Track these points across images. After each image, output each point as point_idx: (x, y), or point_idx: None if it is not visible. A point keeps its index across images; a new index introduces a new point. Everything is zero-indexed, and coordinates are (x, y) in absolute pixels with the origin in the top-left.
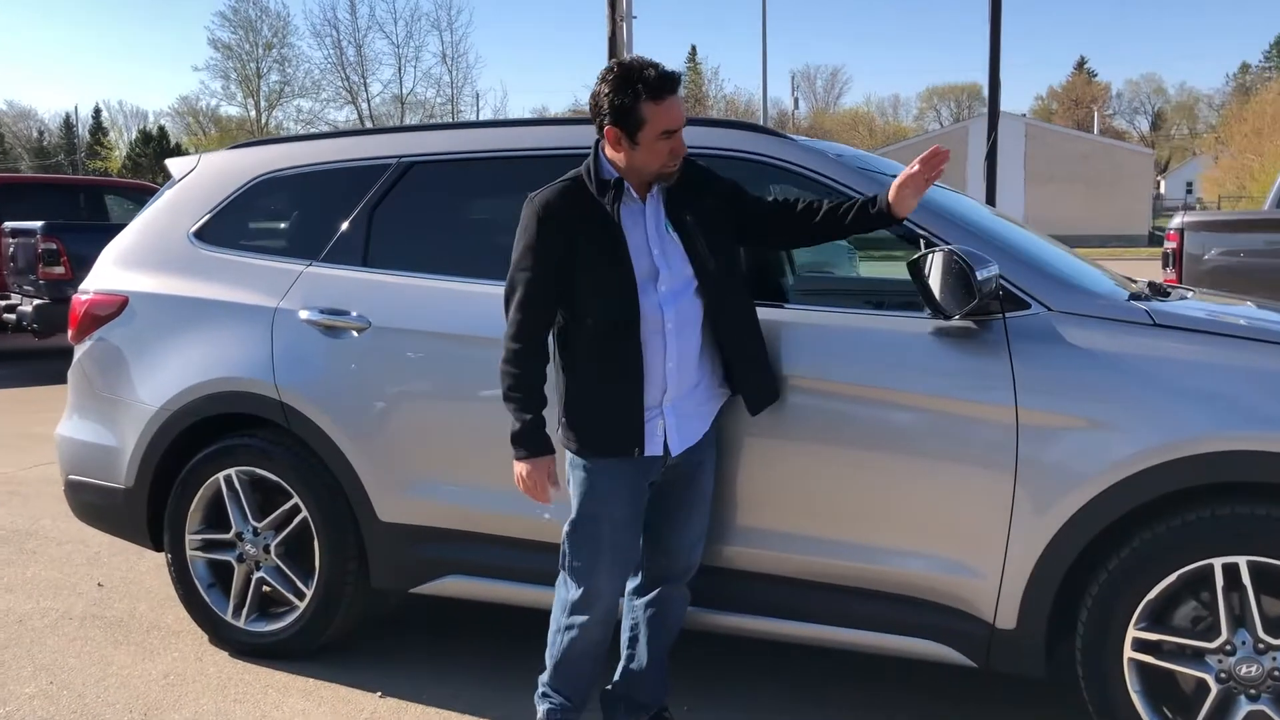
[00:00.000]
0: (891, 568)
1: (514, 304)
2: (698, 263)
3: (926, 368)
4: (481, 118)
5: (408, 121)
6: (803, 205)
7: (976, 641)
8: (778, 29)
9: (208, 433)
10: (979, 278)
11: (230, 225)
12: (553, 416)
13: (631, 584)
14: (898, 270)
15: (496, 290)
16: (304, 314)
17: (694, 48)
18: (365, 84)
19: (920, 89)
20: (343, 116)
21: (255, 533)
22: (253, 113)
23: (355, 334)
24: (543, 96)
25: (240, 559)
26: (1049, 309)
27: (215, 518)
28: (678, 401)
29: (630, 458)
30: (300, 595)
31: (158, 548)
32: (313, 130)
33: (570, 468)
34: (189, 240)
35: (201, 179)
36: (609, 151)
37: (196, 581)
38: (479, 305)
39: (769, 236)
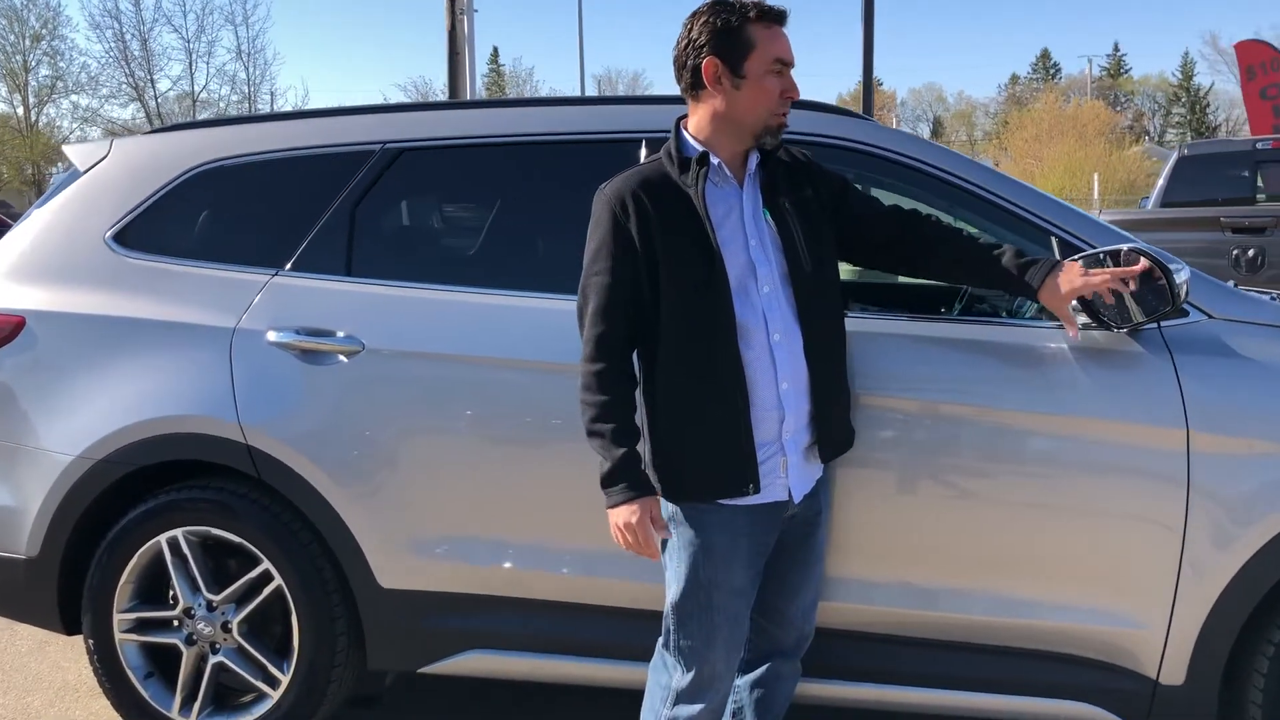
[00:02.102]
0: (1032, 620)
1: (589, 316)
2: (792, 261)
3: (1072, 386)
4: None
5: (201, 118)
6: (934, 229)
7: (1136, 701)
8: (588, 33)
9: (142, 486)
10: (1177, 282)
11: (162, 226)
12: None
13: None
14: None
15: (524, 303)
16: (273, 335)
17: (495, 49)
18: (152, 80)
19: None
20: (127, 114)
21: (210, 607)
22: (20, 109)
23: (344, 359)
24: (342, 96)
25: (190, 640)
26: (1209, 316)
27: (153, 591)
28: (798, 434)
29: (744, 504)
30: (273, 682)
31: (71, 630)
32: (91, 127)
33: (672, 523)
34: (106, 245)
35: (118, 170)
36: (693, 124)
37: (129, 671)
38: (507, 321)
39: (878, 251)
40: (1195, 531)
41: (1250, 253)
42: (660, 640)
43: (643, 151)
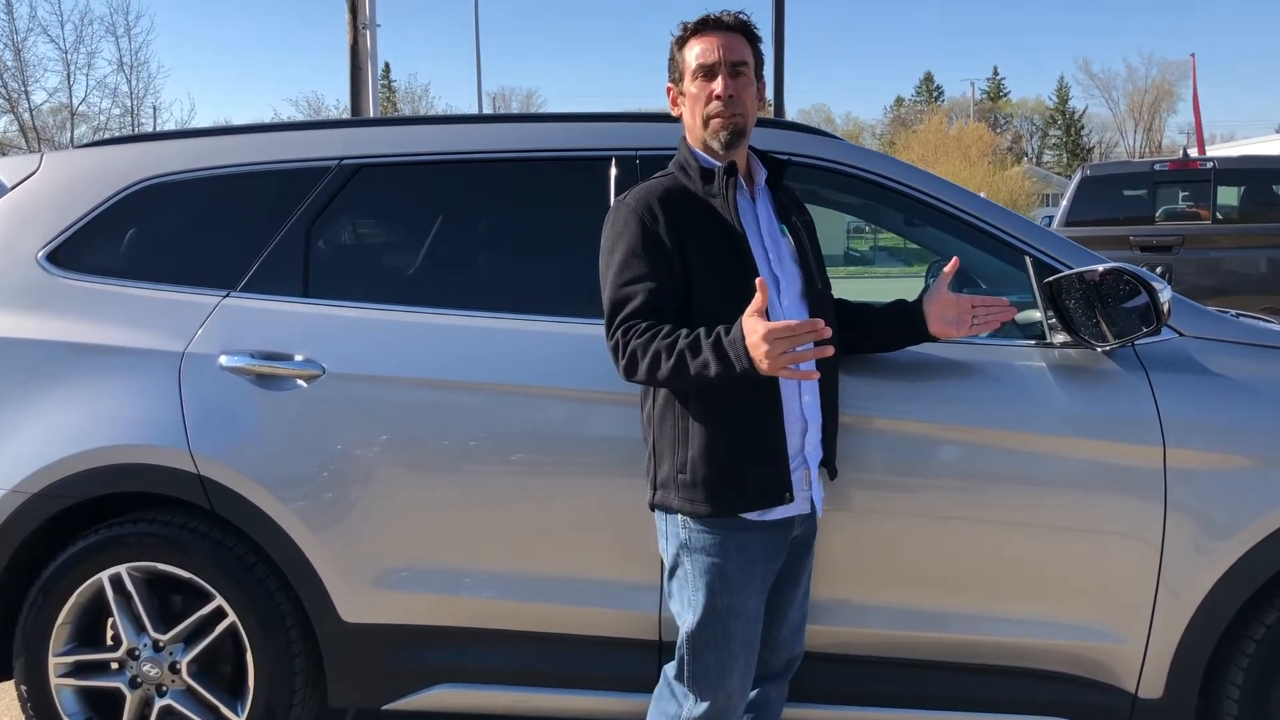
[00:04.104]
0: (1012, 638)
1: (622, 318)
2: (807, 275)
3: (1049, 404)
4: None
5: (80, 133)
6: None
7: (1115, 715)
8: (485, 50)
9: (80, 520)
10: (1161, 301)
11: (101, 245)
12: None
13: None
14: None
15: (492, 324)
16: (226, 360)
17: (387, 65)
18: (26, 92)
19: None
20: (0, 127)
21: (157, 647)
22: None
23: (303, 384)
24: (231, 111)
25: (134, 683)
26: (1180, 333)
27: (93, 631)
28: (816, 448)
29: (765, 519)
30: None
31: (0, 676)
32: None
33: (683, 551)
34: (39, 265)
35: (50, 185)
36: (693, 141)
37: (65, 718)
38: (474, 343)
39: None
40: (1173, 546)
41: (1158, 270)
42: (672, 670)
43: (612, 170)
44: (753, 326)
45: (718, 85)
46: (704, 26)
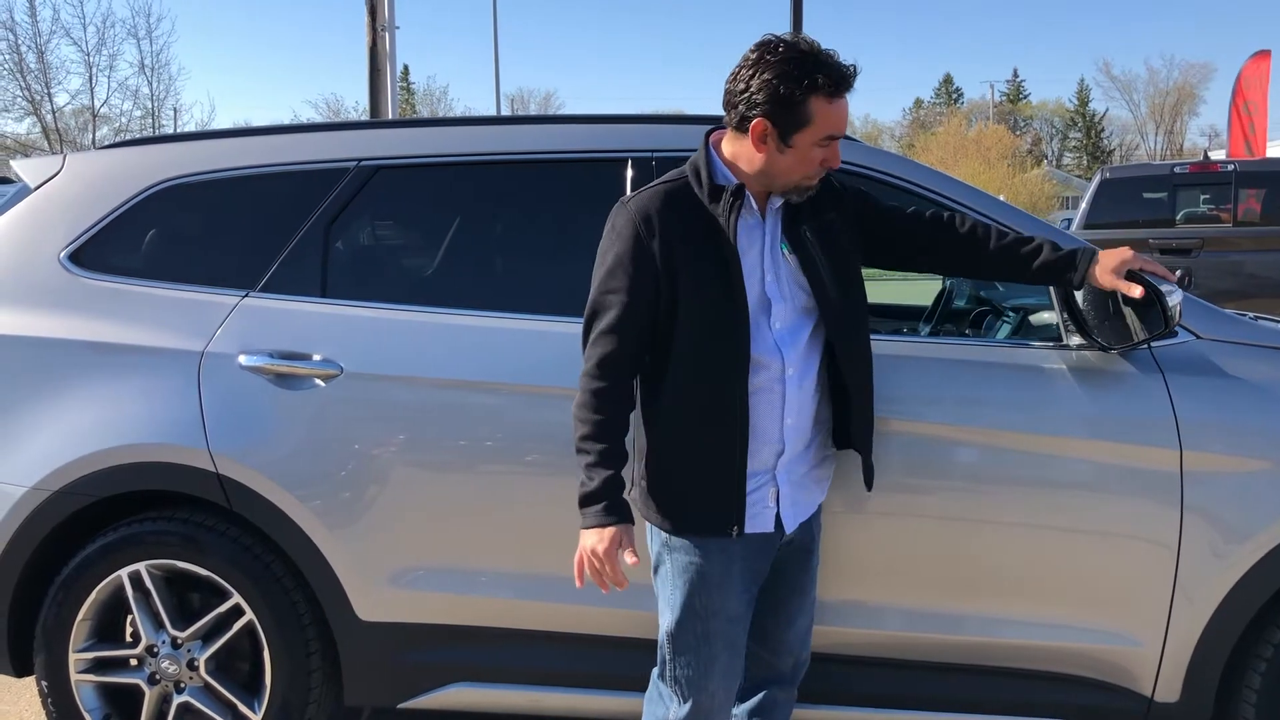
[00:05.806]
0: (1026, 640)
1: (597, 331)
2: (819, 291)
3: (1066, 407)
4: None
5: (102, 134)
6: (965, 226)
7: (1131, 719)
8: (503, 52)
9: (100, 518)
10: (1170, 305)
11: (122, 246)
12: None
13: None
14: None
15: (508, 325)
16: (245, 359)
17: (406, 67)
18: (49, 94)
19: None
20: (23, 129)
21: (175, 644)
22: None
23: (321, 383)
24: (250, 112)
25: (153, 680)
26: (1197, 336)
27: (112, 628)
28: (792, 464)
29: (729, 538)
30: None
31: (22, 672)
32: None
33: (664, 549)
34: (61, 265)
35: (72, 186)
36: (728, 150)
37: (85, 714)
38: (490, 343)
39: (913, 255)
40: (1189, 549)
41: (1178, 273)
42: (655, 671)
43: (629, 171)
44: (595, 545)
45: (835, 156)
46: (847, 86)
